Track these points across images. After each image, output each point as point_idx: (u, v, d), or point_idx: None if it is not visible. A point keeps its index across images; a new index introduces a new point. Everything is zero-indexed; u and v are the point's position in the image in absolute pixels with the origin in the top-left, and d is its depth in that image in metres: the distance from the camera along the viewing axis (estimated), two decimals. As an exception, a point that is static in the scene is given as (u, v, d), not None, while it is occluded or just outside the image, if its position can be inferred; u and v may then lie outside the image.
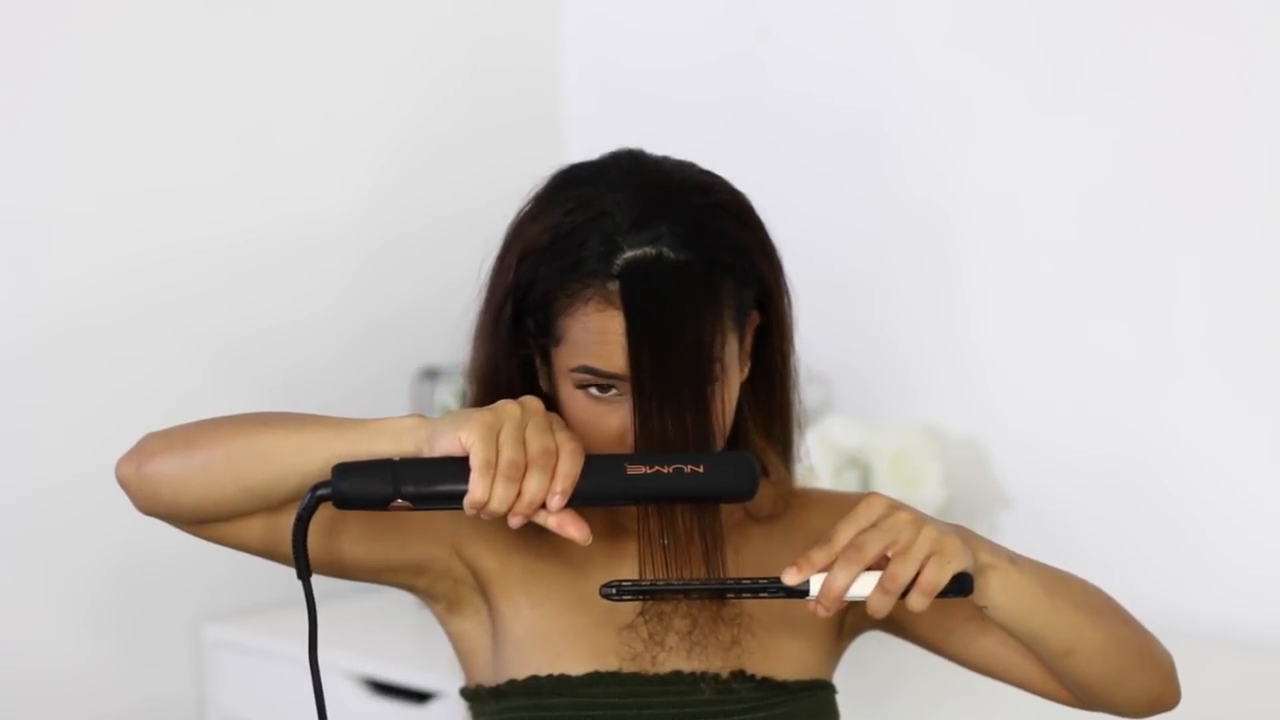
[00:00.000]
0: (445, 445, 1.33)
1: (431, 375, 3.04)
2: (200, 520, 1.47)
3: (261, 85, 2.97)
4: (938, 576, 1.35)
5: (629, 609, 1.51)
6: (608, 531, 1.54)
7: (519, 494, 1.32)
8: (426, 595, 1.58)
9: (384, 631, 2.79)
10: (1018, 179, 2.79)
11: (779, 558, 1.56)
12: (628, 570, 1.49)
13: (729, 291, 1.46)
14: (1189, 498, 2.66)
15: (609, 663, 1.52)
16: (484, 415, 1.33)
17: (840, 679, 1.60)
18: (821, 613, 1.37)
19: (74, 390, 2.78)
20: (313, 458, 1.39)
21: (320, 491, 1.34)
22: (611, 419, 1.46)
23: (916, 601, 1.36)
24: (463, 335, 1.56)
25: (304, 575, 1.37)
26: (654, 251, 1.44)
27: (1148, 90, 2.67)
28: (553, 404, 1.50)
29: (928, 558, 1.36)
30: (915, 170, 2.89)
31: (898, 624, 1.57)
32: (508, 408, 1.34)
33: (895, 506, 1.38)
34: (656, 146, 1.54)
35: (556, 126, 3.27)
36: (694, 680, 1.52)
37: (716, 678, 1.52)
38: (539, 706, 1.52)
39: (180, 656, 2.91)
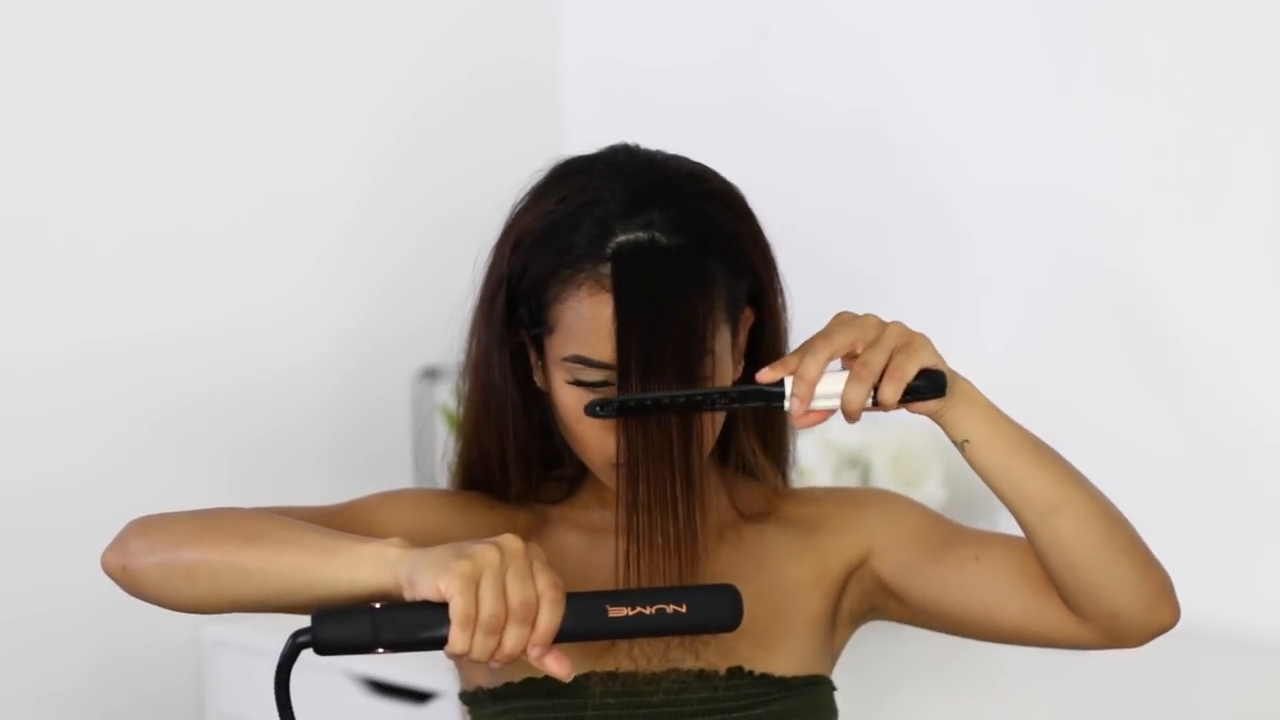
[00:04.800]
0: (425, 590, 1.31)
1: (431, 375, 3.04)
2: (193, 614, 1.48)
3: (259, 83, 2.97)
4: (907, 364, 1.37)
5: None
6: (601, 530, 1.55)
7: (499, 643, 1.30)
8: None
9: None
10: (1017, 179, 2.79)
11: (774, 553, 1.57)
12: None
13: (720, 280, 1.46)
14: (1189, 497, 2.66)
15: (605, 663, 1.52)
16: (463, 565, 1.29)
17: (839, 677, 1.60)
18: (796, 408, 1.38)
19: (75, 389, 2.77)
20: (295, 584, 1.39)
21: (301, 639, 1.34)
22: None
23: (888, 392, 1.37)
24: (461, 334, 1.56)
25: None
26: (646, 236, 1.44)
27: (1147, 91, 2.66)
28: (547, 399, 1.51)
29: (897, 349, 1.38)
30: (915, 171, 2.89)
31: (896, 593, 1.57)
32: (487, 554, 1.29)
33: (862, 314, 1.40)
34: (655, 144, 1.55)
35: (556, 124, 3.27)
36: (691, 677, 1.51)
37: (714, 675, 1.52)
38: (536, 708, 1.52)
39: (180, 656, 2.91)
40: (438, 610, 1.30)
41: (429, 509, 1.57)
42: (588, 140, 1.54)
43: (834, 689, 1.58)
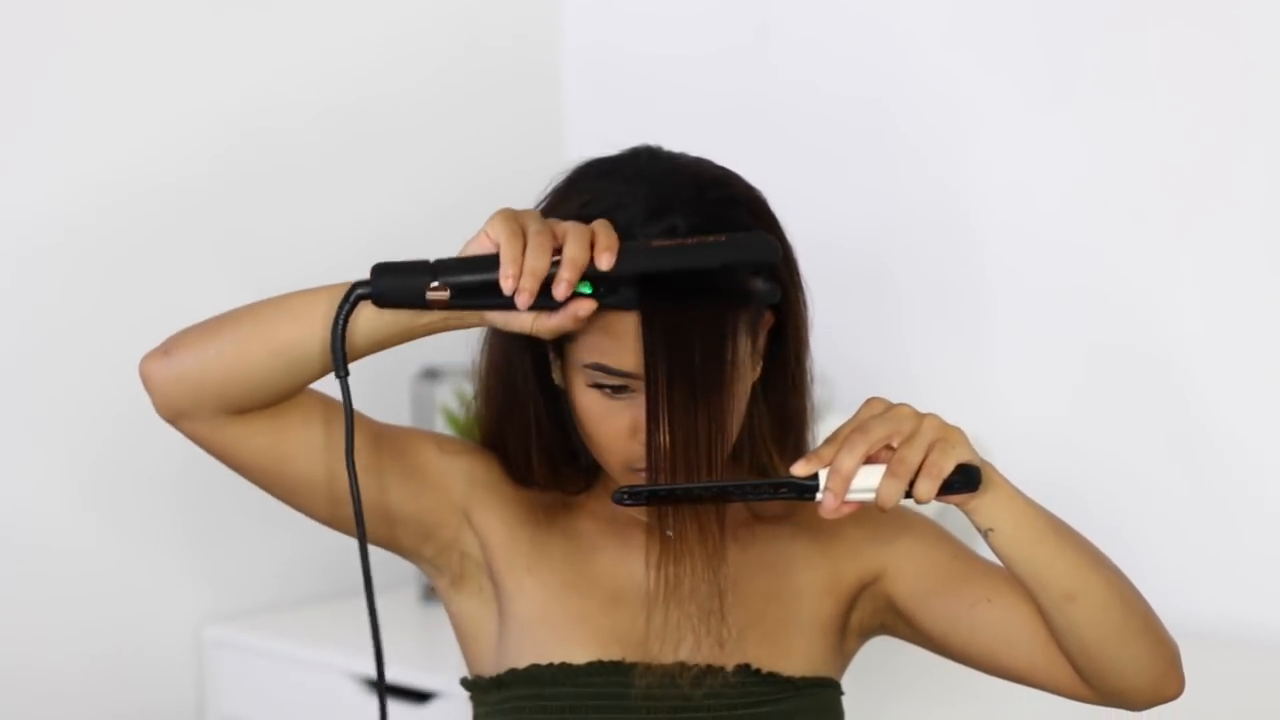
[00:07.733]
0: (475, 247, 1.37)
1: (431, 375, 3.03)
2: (220, 407, 1.47)
3: (256, 78, 2.95)
4: (944, 460, 1.36)
5: (636, 594, 1.52)
6: (615, 520, 1.56)
7: (560, 261, 1.34)
8: (432, 566, 1.59)
9: (384, 631, 2.77)
10: (1023, 174, 2.79)
11: (787, 555, 1.56)
12: (635, 560, 1.51)
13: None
14: (1193, 494, 2.66)
15: (612, 651, 1.52)
16: (504, 211, 1.37)
17: (844, 681, 1.59)
18: (830, 502, 1.37)
19: (76, 388, 2.77)
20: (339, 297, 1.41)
21: (360, 290, 1.38)
22: (623, 416, 1.46)
23: (924, 488, 1.37)
24: (463, 335, 1.55)
25: (342, 374, 1.41)
26: None
27: (1149, 87, 2.67)
28: (564, 397, 1.51)
29: (933, 444, 1.37)
30: (920, 165, 2.89)
31: (905, 617, 1.57)
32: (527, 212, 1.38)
33: (894, 404, 1.39)
34: (658, 136, 1.54)
35: (558, 115, 3.25)
36: (699, 673, 1.51)
37: (721, 670, 1.51)
38: (539, 696, 1.51)
39: (180, 657, 2.91)
40: (494, 258, 1.35)
41: (478, 457, 1.58)
42: (590, 131, 1.53)
43: (842, 693, 1.58)
